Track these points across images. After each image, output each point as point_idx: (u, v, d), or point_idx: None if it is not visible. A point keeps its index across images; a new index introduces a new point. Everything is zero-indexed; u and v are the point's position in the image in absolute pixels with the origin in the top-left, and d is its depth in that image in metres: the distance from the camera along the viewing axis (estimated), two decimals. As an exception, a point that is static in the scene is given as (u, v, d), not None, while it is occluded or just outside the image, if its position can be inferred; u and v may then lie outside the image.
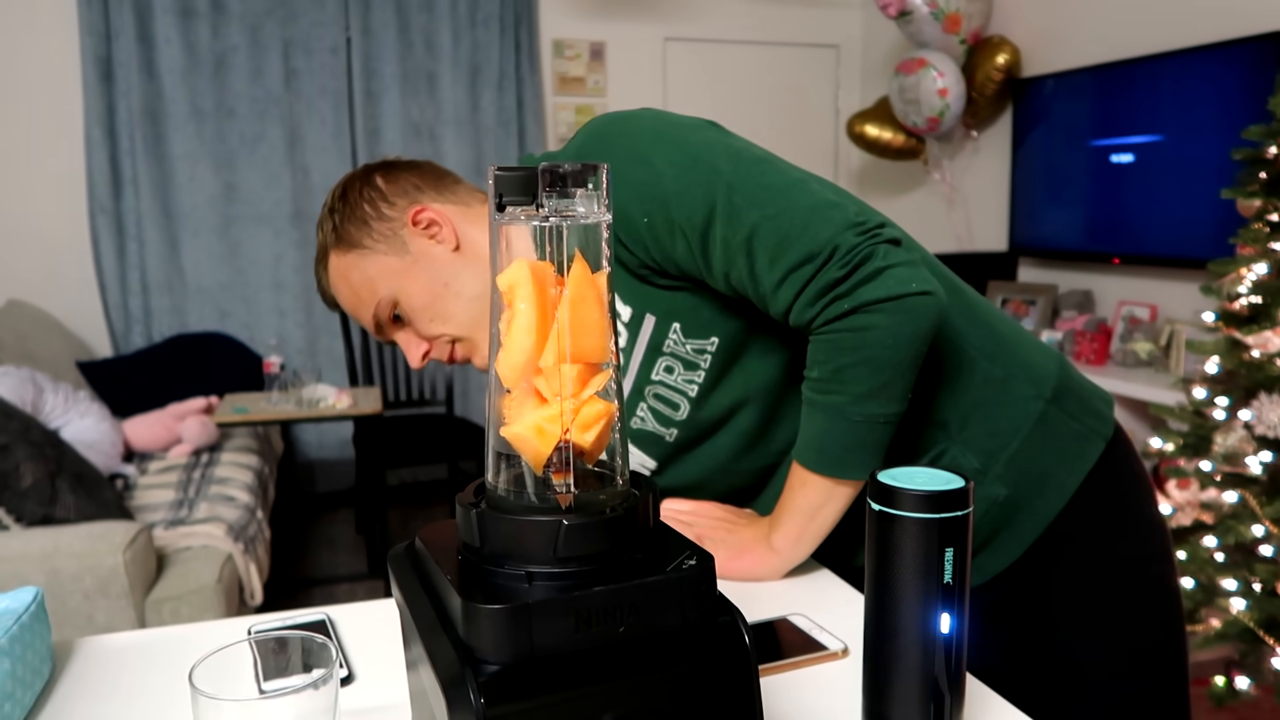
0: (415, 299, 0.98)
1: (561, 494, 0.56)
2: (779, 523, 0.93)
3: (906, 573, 0.60)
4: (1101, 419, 1.00)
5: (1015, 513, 0.96)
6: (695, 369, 0.94)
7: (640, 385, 0.96)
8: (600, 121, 0.93)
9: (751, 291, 0.86)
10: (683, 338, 0.93)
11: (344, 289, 1.01)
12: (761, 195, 0.84)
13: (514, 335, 0.56)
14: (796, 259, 0.81)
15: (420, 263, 0.98)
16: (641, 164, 0.87)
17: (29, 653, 0.73)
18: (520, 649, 0.52)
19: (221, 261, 3.98)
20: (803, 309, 0.83)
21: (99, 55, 3.71)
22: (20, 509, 2.14)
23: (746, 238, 0.83)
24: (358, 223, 0.99)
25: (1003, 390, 0.96)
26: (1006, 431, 0.95)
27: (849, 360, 0.83)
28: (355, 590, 3.22)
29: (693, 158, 0.86)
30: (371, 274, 0.99)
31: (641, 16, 4.50)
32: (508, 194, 0.55)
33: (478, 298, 0.98)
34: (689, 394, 0.96)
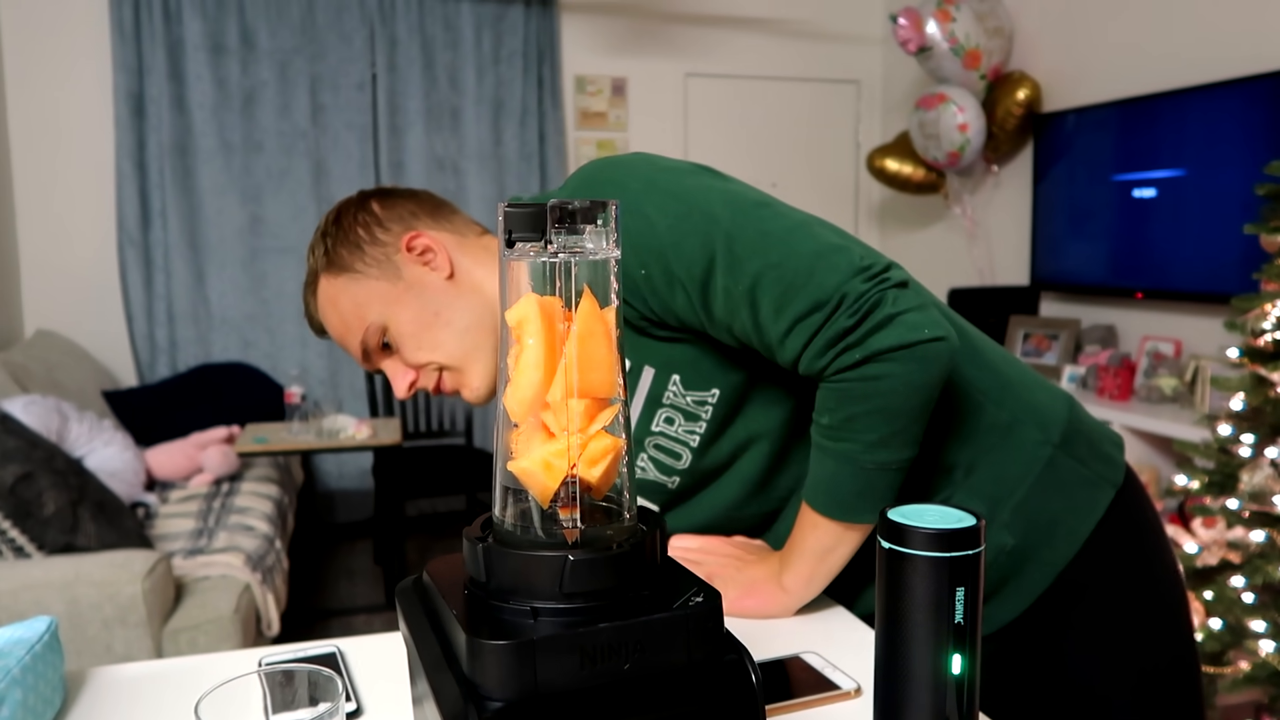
0: (405, 325, 0.96)
1: (568, 529, 0.56)
2: (789, 563, 0.92)
3: (917, 612, 0.59)
4: (1112, 464, 0.98)
5: (1023, 562, 0.94)
6: (696, 420, 0.93)
7: (640, 437, 0.95)
8: (592, 168, 0.91)
9: (757, 341, 0.84)
10: (682, 389, 0.91)
11: (333, 314, 0.99)
12: (762, 243, 0.81)
13: (522, 370, 0.56)
14: (803, 308, 0.79)
15: (412, 290, 0.96)
16: (635, 215, 0.84)
17: (41, 682, 0.74)
18: (524, 686, 0.51)
19: (246, 293, 4.03)
20: (813, 359, 0.81)
21: (131, 91, 3.80)
22: (42, 537, 2.16)
23: (749, 288, 0.81)
24: (350, 246, 0.97)
25: (1009, 436, 0.94)
26: (1013, 478, 0.93)
27: (861, 409, 0.81)
28: (372, 622, 3.21)
29: (688, 205, 0.84)
30: (361, 299, 0.96)
31: (663, 52, 4.56)
32: (517, 230, 0.56)
33: (469, 329, 0.96)
34: (690, 444, 0.94)
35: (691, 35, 4.59)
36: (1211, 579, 2.07)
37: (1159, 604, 0.97)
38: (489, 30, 4.22)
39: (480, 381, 0.97)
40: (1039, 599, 0.94)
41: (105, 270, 3.91)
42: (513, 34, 4.24)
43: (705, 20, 4.59)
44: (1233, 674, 1.99)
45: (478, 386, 0.98)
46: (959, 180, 4.17)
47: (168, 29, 3.83)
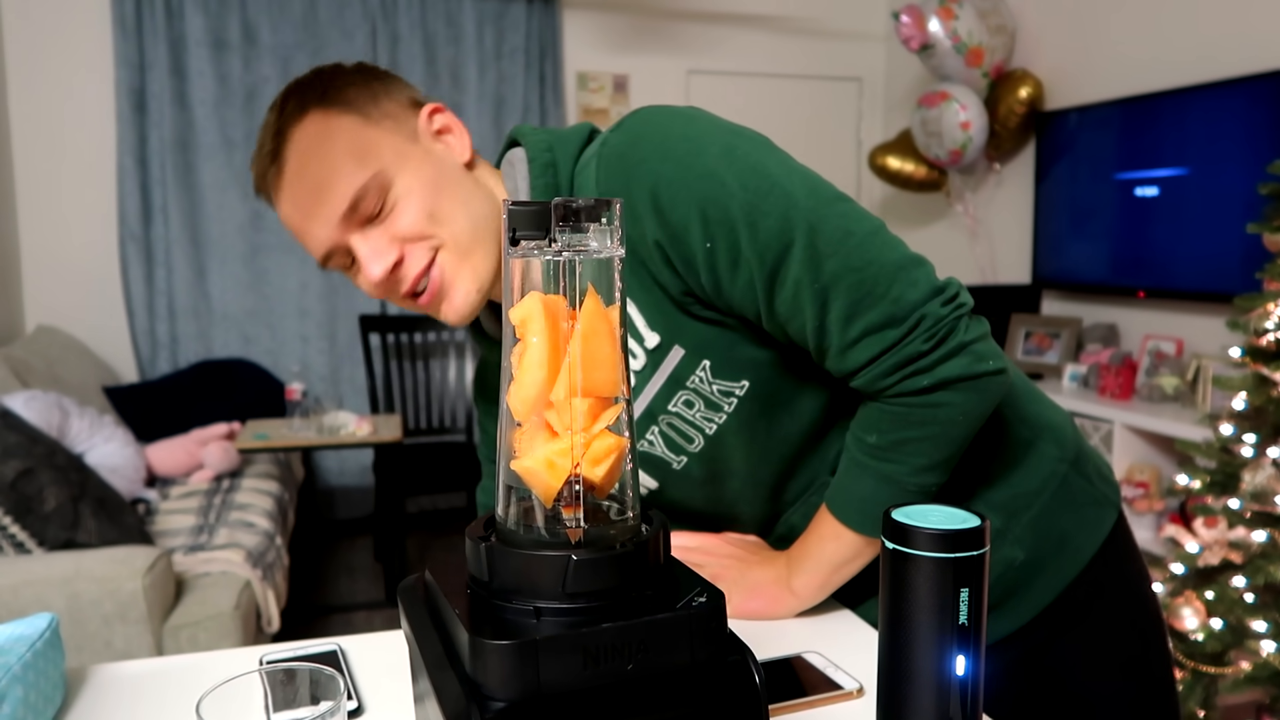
0: (415, 184, 0.82)
1: (571, 528, 0.56)
2: (802, 568, 0.90)
3: (921, 613, 0.59)
4: (1112, 486, 0.99)
5: (1032, 576, 0.94)
6: (718, 410, 0.87)
7: (654, 412, 0.89)
8: (657, 115, 0.81)
9: (813, 343, 0.79)
10: (710, 376, 0.85)
11: (319, 154, 0.80)
12: (846, 242, 0.76)
13: (525, 368, 0.56)
14: (877, 321, 0.76)
15: (429, 158, 0.84)
16: (710, 180, 0.77)
17: (42, 680, 0.74)
18: (527, 686, 0.51)
19: (247, 288, 4.02)
20: (878, 377, 0.78)
21: (133, 87, 3.79)
22: (43, 532, 2.16)
23: (825, 286, 0.76)
24: (360, 88, 0.83)
25: (1029, 451, 0.94)
26: (1030, 493, 0.93)
27: (915, 434, 0.80)
28: (372, 618, 3.21)
29: (770, 183, 0.77)
30: (369, 144, 0.81)
31: (664, 49, 4.55)
32: (521, 228, 0.55)
33: (482, 217, 0.84)
34: (706, 431, 0.89)
35: (693, 32, 4.58)
36: (1213, 579, 2.07)
37: (1147, 623, 0.99)
38: (491, 26, 4.21)
39: (466, 288, 0.84)
40: (1040, 613, 0.95)
41: (106, 266, 3.91)
42: (514, 30, 4.24)
43: (707, 17, 4.58)
44: (1234, 674, 1.99)
45: (468, 289, 0.84)
46: (961, 178, 4.17)
47: (169, 24, 3.82)
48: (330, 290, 4.11)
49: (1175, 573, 2.16)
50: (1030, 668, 0.96)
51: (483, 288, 0.85)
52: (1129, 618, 0.98)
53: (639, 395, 0.89)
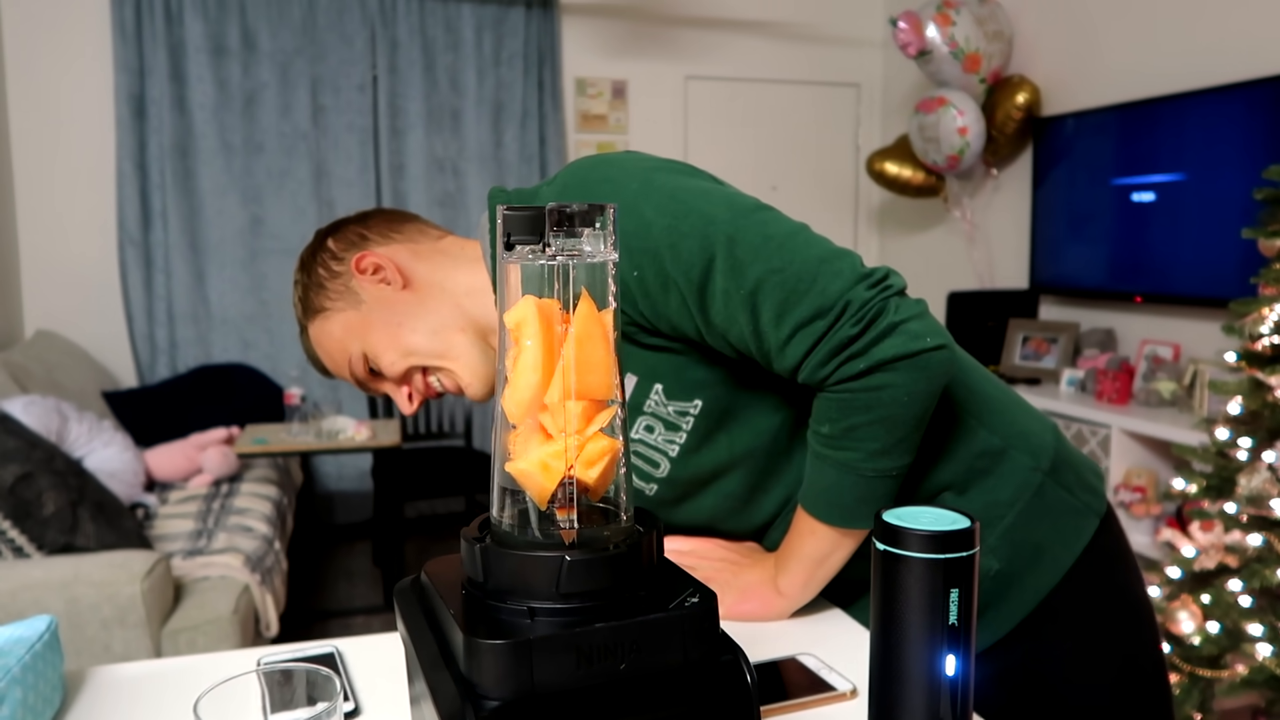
0: (378, 345, 0.97)
1: (565, 530, 0.57)
2: (786, 567, 0.92)
3: (912, 613, 0.60)
4: (1095, 494, 0.99)
5: (1007, 587, 0.94)
6: (677, 430, 0.91)
7: None
8: (585, 165, 0.89)
9: (754, 348, 0.83)
10: (665, 399, 0.89)
11: (323, 355, 1.01)
12: (764, 246, 0.80)
13: (520, 371, 0.57)
14: (806, 315, 0.78)
15: (375, 309, 0.97)
16: (630, 214, 0.82)
17: (41, 681, 0.74)
18: (521, 685, 0.52)
19: (246, 293, 4.03)
20: (815, 368, 0.80)
21: (132, 92, 3.80)
22: (42, 537, 2.16)
23: (751, 292, 0.79)
24: (316, 288, 0.99)
25: (1001, 461, 0.94)
26: (1003, 503, 0.93)
27: (863, 419, 0.81)
28: (371, 623, 3.21)
29: (686, 206, 0.82)
30: (338, 334, 0.98)
31: (663, 55, 4.56)
32: (515, 233, 0.56)
33: (437, 330, 0.97)
34: (669, 454, 0.93)
35: (691, 38, 4.59)
36: (1209, 583, 2.07)
37: (1138, 629, 0.99)
38: (490, 32, 4.22)
39: (469, 377, 0.97)
40: (1020, 623, 0.95)
41: (105, 271, 3.92)
42: (513, 36, 4.25)
43: (705, 23, 4.60)
44: (1230, 678, 1.99)
45: (469, 382, 0.97)
46: (958, 184, 4.18)
47: (169, 30, 3.84)
48: (329, 295, 4.11)
49: (1171, 577, 2.16)
50: (1018, 676, 0.96)
51: (478, 372, 0.97)
52: (1117, 624, 0.98)
53: None
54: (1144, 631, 0.99)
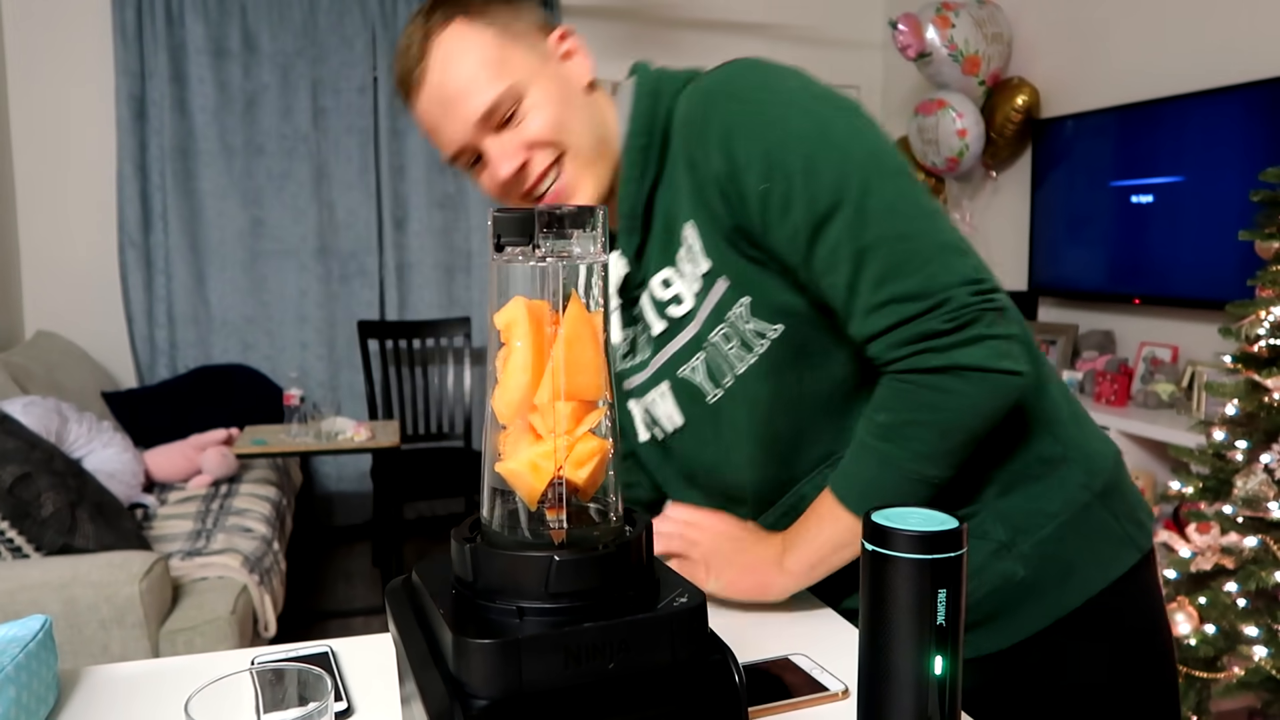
0: (544, 97, 0.87)
1: (554, 530, 0.57)
2: (795, 546, 0.90)
3: (900, 614, 0.60)
4: (1142, 529, 0.96)
5: (1025, 598, 0.91)
6: (749, 349, 0.88)
7: (700, 339, 0.91)
8: (746, 65, 0.87)
9: (841, 302, 0.82)
10: (748, 314, 0.87)
11: (463, 64, 0.86)
12: (894, 211, 0.79)
13: (510, 372, 0.57)
14: (905, 291, 0.78)
15: (552, 76, 0.90)
16: (776, 127, 0.81)
17: (35, 681, 0.74)
18: (510, 684, 0.52)
19: (246, 295, 4.03)
20: (891, 347, 0.80)
21: (133, 94, 3.81)
22: (40, 538, 2.16)
23: (864, 247, 0.79)
24: (501, 4, 0.89)
25: (1054, 470, 0.91)
26: (1045, 513, 0.90)
27: (923, 418, 0.81)
28: (370, 624, 3.22)
29: (833, 142, 0.81)
30: (508, 57, 0.87)
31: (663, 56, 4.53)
32: (505, 234, 0.57)
33: (601, 138, 0.90)
34: (736, 369, 0.90)
35: (692, 39, 4.60)
36: (1205, 584, 2.08)
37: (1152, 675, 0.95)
38: (490, 34, 4.22)
39: (594, 188, 0.90)
40: (1029, 639, 0.92)
41: (106, 272, 3.92)
42: (513, 38, 4.25)
43: (705, 25, 4.60)
44: (1226, 679, 2.00)
45: (589, 196, 0.90)
46: (958, 186, 4.18)
47: (170, 32, 3.84)
48: (329, 296, 4.12)
49: (1168, 578, 2.16)
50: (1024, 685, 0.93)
51: (600, 198, 0.91)
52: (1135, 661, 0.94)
53: (692, 318, 0.90)
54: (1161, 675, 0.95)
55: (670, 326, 0.92)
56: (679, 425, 0.96)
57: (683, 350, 0.92)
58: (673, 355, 0.93)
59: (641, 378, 0.98)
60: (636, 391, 1.00)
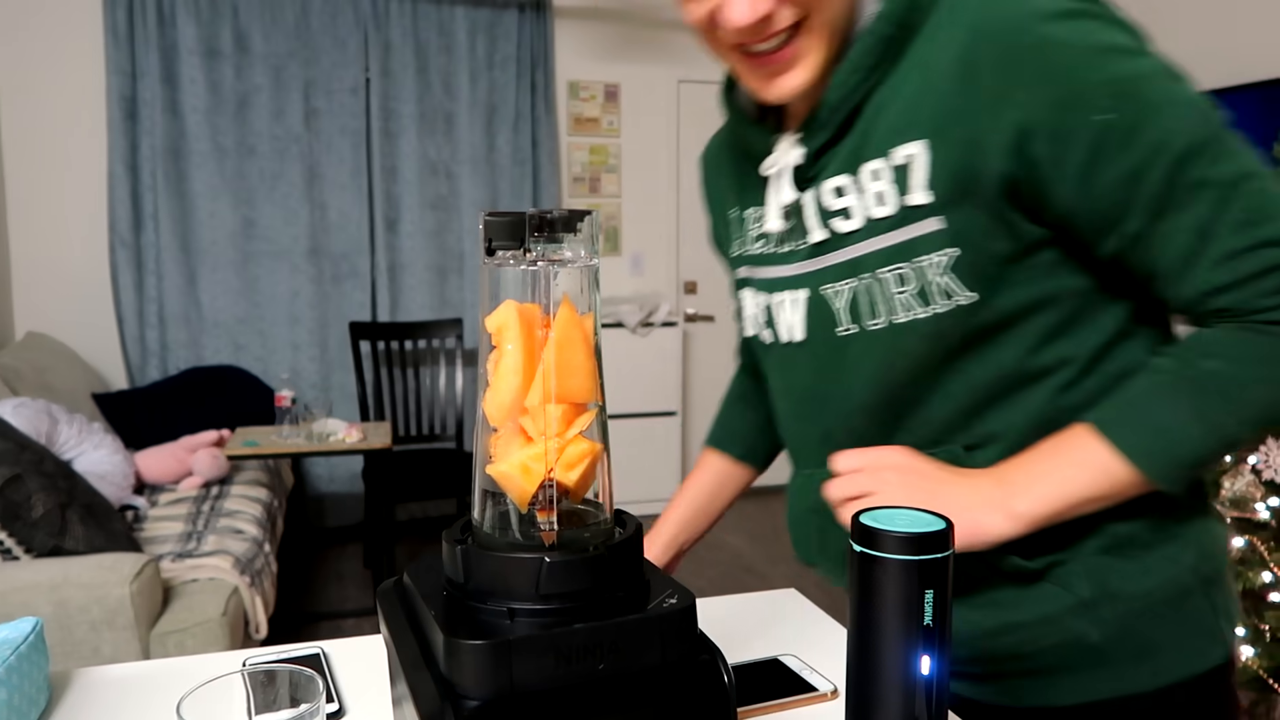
0: None
1: (545, 532, 0.58)
2: (1033, 492, 0.74)
3: (887, 614, 0.61)
4: (1233, 628, 0.87)
5: (1092, 663, 0.81)
6: (925, 303, 0.77)
7: (862, 265, 0.79)
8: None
9: (1178, 249, 0.71)
10: (947, 267, 0.75)
11: None
12: (1245, 154, 0.71)
13: (501, 375, 0.57)
14: (1274, 236, 0.69)
15: None
16: (1126, 57, 0.71)
17: (26, 683, 0.74)
18: (501, 685, 0.52)
19: (238, 296, 4.03)
20: (1265, 294, 0.70)
21: (124, 94, 3.80)
22: (30, 539, 2.16)
23: (1237, 178, 0.70)
24: None
25: (1169, 542, 0.81)
26: (1142, 586, 0.80)
27: (1269, 375, 0.71)
28: (361, 625, 3.21)
29: (1178, 77, 0.72)
30: None
31: (655, 59, 4.57)
32: (497, 238, 0.57)
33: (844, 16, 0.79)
34: (894, 315, 0.78)
35: (684, 41, 4.61)
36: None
37: None
38: (483, 35, 4.23)
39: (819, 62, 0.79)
40: (1084, 705, 0.83)
41: (96, 273, 3.91)
42: (506, 39, 4.26)
43: (698, 27, 4.61)
44: (1215, 679, 2.01)
45: (813, 67, 0.79)
46: (949, 188, 4.19)
47: (161, 32, 3.83)
48: (321, 298, 4.12)
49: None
50: None
51: (819, 75, 0.80)
52: None
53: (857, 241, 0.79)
54: None
55: (830, 240, 0.82)
56: (797, 340, 0.87)
57: (836, 269, 0.82)
58: (824, 269, 0.83)
59: (776, 273, 0.89)
60: (764, 284, 0.90)
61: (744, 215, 0.94)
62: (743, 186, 0.94)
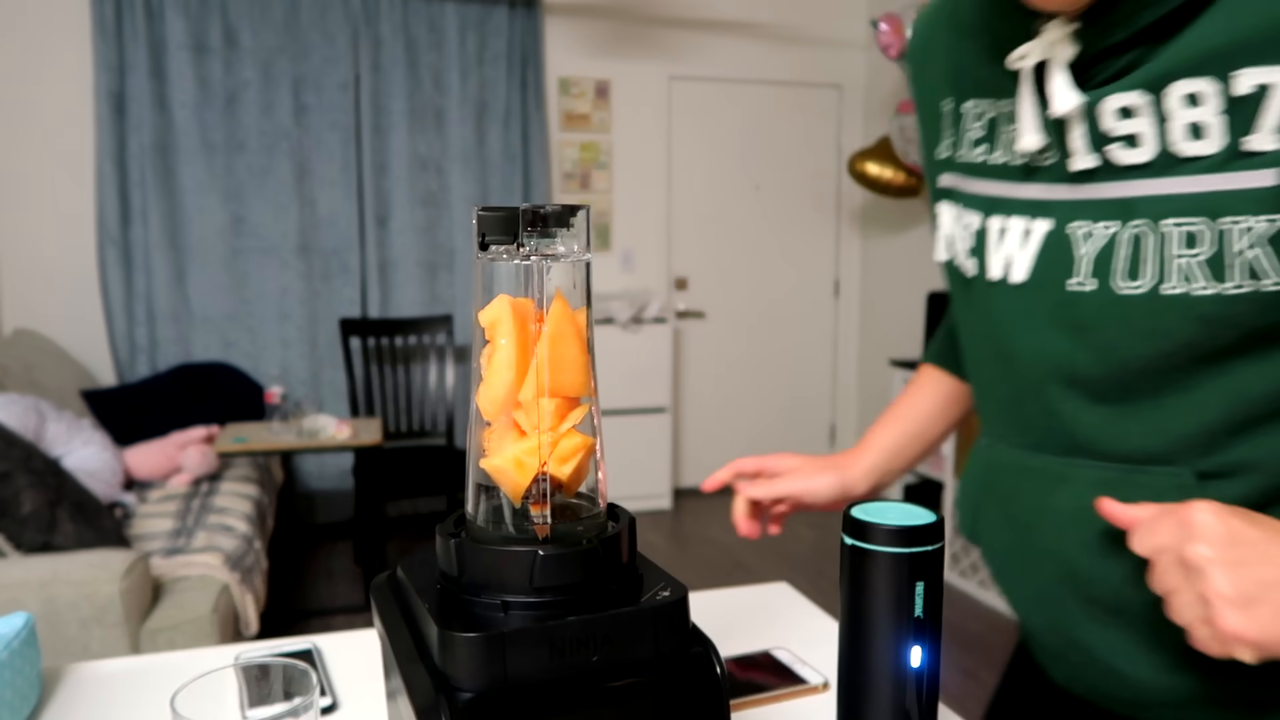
0: None
1: (539, 525, 0.58)
2: None
3: (879, 606, 0.61)
4: None
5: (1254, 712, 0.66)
6: (1218, 277, 0.59)
7: (1137, 210, 0.62)
8: None
9: None
10: (1267, 239, 0.57)
11: None
12: None
13: (494, 369, 0.58)
14: None
15: None
16: None
17: (18, 678, 0.74)
18: (495, 677, 0.53)
19: (227, 292, 4.01)
20: None
21: (112, 90, 3.78)
22: (19, 536, 2.15)
23: None
24: None
25: None
26: None
27: None
28: (352, 622, 3.21)
29: None
30: None
31: (646, 55, 4.57)
32: (490, 233, 0.57)
33: None
34: (1162, 287, 0.62)
35: (675, 38, 4.61)
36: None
37: None
38: (473, 32, 4.22)
39: None
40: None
41: (85, 269, 3.89)
42: (497, 36, 4.25)
43: (688, 24, 4.61)
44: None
45: None
46: (939, 185, 4.21)
47: (150, 27, 3.81)
48: (311, 294, 4.11)
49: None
50: None
51: None
52: None
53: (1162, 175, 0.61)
54: None
55: (1100, 170, 0.64)
56: (1014, 280, 0.69)
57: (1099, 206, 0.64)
58: (1081, 202, 0.65)
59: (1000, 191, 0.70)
60: (978, 202, 0.72)
61: (961, 109, 0.74)
62: (966, 72, 0.74)
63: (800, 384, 5.03)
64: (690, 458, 4.86)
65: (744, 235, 4.84)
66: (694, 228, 4.75)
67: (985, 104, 0.72)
